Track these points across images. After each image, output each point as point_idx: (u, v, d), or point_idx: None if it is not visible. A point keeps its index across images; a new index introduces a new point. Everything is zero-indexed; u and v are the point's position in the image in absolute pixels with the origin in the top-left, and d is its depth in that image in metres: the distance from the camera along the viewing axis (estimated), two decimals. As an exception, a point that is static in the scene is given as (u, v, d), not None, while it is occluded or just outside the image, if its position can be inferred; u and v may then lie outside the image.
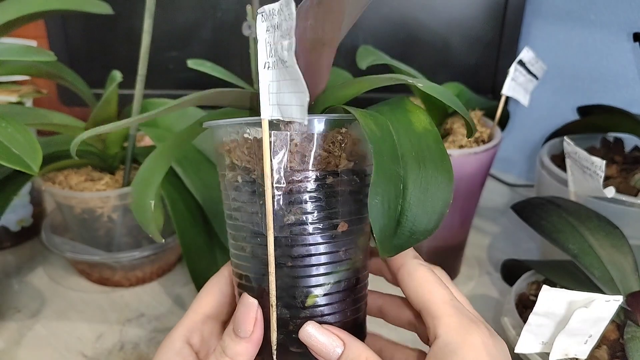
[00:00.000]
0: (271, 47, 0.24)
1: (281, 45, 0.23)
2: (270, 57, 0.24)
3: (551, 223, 0.42)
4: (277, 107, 0.25)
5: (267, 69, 0.24)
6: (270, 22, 0.24)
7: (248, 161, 0.28)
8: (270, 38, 0.24)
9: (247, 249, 0.29)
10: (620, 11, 0.68)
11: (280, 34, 0.23)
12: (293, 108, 0.24)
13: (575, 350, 0.36)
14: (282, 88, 0.24)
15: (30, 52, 0.43)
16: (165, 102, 0.56)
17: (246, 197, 0.28)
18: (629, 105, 0.67)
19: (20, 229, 0.66)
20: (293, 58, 0.23)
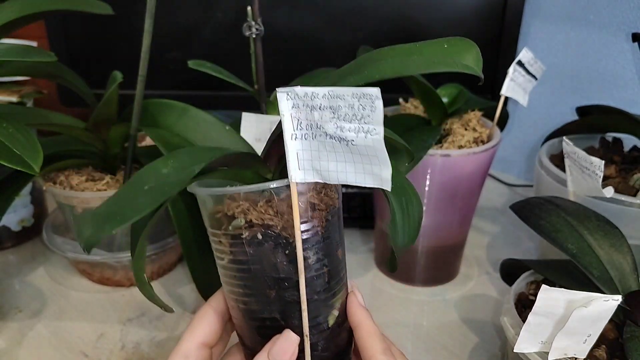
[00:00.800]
0: (301, 122, 0.27)
1: (339, 127, 0.26)
2: (299, 129, 0.27)
3: (550, 223, 0.43)
4: (311, 172, 0.28)
5: (294, 139, 0.27)
6: (304, 102, 0.26)
7: (271, 219, 0.31)
8: (300, 114, 0.26)
9: (272, 294, 0.32)
10: (619, 12, 0.68)
11: (333, 116, 0.26)
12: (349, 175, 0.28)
13: (574, 349, 0.36)
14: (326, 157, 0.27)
15: (31, 52, 0.43)
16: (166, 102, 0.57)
17: (268, 250, 0.31)
18: (628, 106, 0.67)
19: (21, 228, 0.66)
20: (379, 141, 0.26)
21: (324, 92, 0.25)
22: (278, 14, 0.70)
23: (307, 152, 0.27)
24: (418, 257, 0.59)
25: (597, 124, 0.64)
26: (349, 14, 0.71)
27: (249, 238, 0.31)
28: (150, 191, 0.27)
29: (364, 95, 0.25)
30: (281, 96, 0.26)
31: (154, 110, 0.56)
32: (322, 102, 0.26)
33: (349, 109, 0.25)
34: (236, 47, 0.71)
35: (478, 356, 0.50)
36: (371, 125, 0.25)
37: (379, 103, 0.25)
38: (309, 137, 0.27)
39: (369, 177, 0.27)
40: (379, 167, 0.26)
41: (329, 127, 0.26)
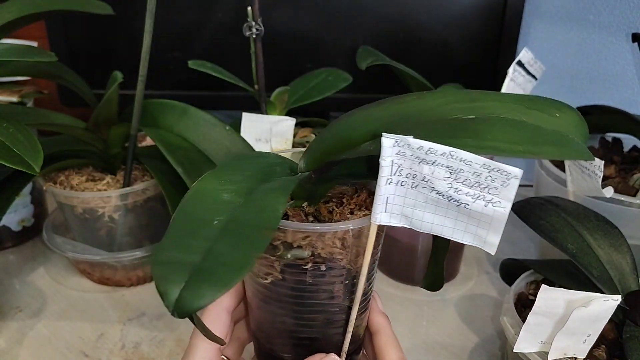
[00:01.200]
0: (402, 169, 0.26)
1: (455, 188, 0.25)
2: (397, 175, 0.26)
3: (550, 223, 0.43)
4: (401, 217, 0.28)
5: (388, 184, 0.26)
6: (414, 153, 0.25)
7: (340, 252, 0.31)
8: (404, 162, 0.25)
9: (318, 318, 0.32)
10: (619, 12, 0.68)
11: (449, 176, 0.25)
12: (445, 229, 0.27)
13: (574, 349, 0.36)
14: (422, 207, 0.27)
15: (31, 52, 0.43)
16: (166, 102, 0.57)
17: (327, 280, 0.31)
18: (628, 106, 0.67)
19: (21, 228, 0.66)
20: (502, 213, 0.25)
21: (445, 151, 0.24)
22: (278, 15, 0.70)
23: (399, 198, 0.27)
24: (418, 257, 0.59)
25: (596, 124, 0.64)
26: (349, 14, 0.71)
27: (311, 269, 0.30)
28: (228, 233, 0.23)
29: (500, 170, 0.24)
30: (387, 142, 0.25)
31: (154, 110, 0.56)
32: (438, 159, 0.25)
33: (473, 175, 0.25)
34: (236, 48, 0.71)
35: (478, 356, 0.50)
36: (497, 197, 0.25)
37: (515, 182, 0.24)
38: (406, 185, 0.26)
39: (469, 236, 0.27)
40: (487, 231, 0.26)
41: (440, 184, 0.25)
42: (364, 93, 0.74)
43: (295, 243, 0.30)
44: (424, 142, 0.24)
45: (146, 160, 0.55)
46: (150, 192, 0.55)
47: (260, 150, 0.51)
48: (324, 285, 0.31)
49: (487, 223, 0.26)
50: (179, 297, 0.20)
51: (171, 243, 0.22)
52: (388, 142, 0.25)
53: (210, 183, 0.26)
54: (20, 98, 0.64)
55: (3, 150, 0.37)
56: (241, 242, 0.22)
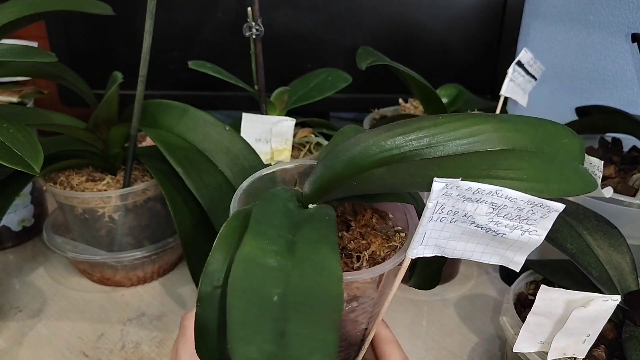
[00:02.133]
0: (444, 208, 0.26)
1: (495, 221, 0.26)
2: (439, 213, 0.27)
3: (549, 223, 0.43)
4: (434, 248, 0.28)
5: (430, 221, 0.27)
6: (460, 194, 0.26)
7: (373, 289, 0.32)
8: (447, 201, 0.26)
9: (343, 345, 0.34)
10: (619, 12, 0.68)
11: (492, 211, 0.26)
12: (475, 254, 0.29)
13: (574, 349, 0.36)
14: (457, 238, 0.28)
15: (32, 52, 0.43)
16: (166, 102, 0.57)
17: (357, 313, 0.32)
18: (627, 106, 0.67)
19: (21, 228, 0.66)
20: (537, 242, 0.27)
21: (492, 190, 0.26)
22: (278, 15, 0.70)
23: (436, 232, 0.28)
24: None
25: (596, 124, 0.64)
26: (349, 15, 0.71)
27: (346, 308, 0.32)
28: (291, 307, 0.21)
29: (543, 206, 0.25)
30: (437, 186, 0.25)
31: (154, 110, 0.56)
32: (484, 197, 0.26)
33: (515, 210, 0.26)
34: (236, 48, 0.71)
35: (477, 356, 0.50)
36: (534, 227, 0.26)
37: (555, 215, 0.26)
38: (445, 220, 0.27)
39: (496, 257, 0.28)
40: (515, 253, 0.28)
41: (481, 219, 0.27)
42: (363, 93, 0.74)
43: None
44: (473, 184, 0.25)
45: (146, 161, 0.55)
46: (150, 192, 0.55)
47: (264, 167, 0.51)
48: (352, 317, 0.32)
49: (519, 248, 0.28)
50: None
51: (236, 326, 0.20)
52: (438, 186, 0.25)
53: (252, 249, 0.24)
54: (21, 98, 0.64)
55: (3, 150, 0.37)
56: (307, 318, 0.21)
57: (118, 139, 0.55)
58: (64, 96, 0.76)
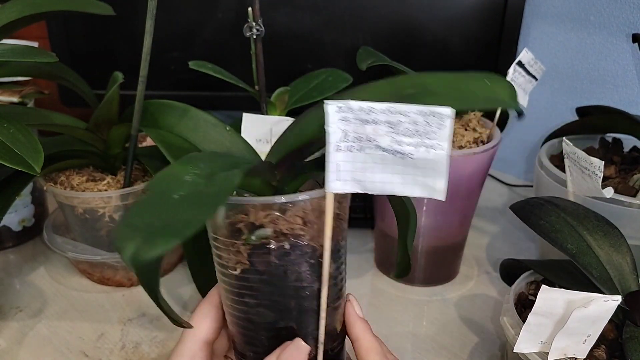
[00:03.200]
0: (348, 135, 0.27)
1: (397, 141, 0.26)
2: (344, 142, 0.27)
3: (550, 223, 0.43)
4: (353, 183, 0.28)
5: (337, 151, 0.27)
6: (356, 116, 0.26)
7: (301, 228, 0.31)
8: (348, 127, 0.27)
9: (291, 304, 0.32)
10: (619, 12, 0.68)
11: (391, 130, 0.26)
12: (396, 185, 0.28)
13: (574, 349, 0.36)
14: (371, 169, 0.28)
15: (32, 53, 0.43)
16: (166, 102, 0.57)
17: (294, 260, 0.31)
18: (628, 106, 0.67)
19: (22, 228, 0.66)
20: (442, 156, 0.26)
21: (383, 108, 0.26)
22: (278, 15, 0.70)
23: (349, 163, 0.28)
24: (418, 257, 0.59)
25: (596, 125, 0.64)
26: (349, 15, 0.71)
27: (276, 248, 0.31)
28: (186, 201, 0.24)
29: (434, 113, 0.25)
30: (330, 109, 0.26)
31: (154, 110, 0.56)
32: (378, 116, 0.26)
33: (411, 124, 0.26)
34: (237, 48, 0.72)
35: (478, 356, 0.50)
36: (436, 141, 0.26)
37: (448, 122, 0.26)
38: (354, 150, 0.27)
39: (418, 188, 0.27)
40: (433, 179, 0.27)
41: (383, 140, 0.26)
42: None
43: (257, 221, 0.31)
44: (363, 103, 0.26)
45: (146, 161, 0.55)
46: (151, 193, 0.55)
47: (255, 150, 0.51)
48: (290, 265, 0.31)
49: (432, 169, 0.27)
50: (135, 250, 0.21)
51: (132, 213, 0.24)
52: (331, 108, 0.26)
53: (175, 169, 0.27)
54: (21, 98, 0.64)
55: (4, 150, 0.37)
56: (195, 206, 0.24)
57: (118, 139, 0.55)
58: (65, 96, 0.76)
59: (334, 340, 0.35)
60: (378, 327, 0.52)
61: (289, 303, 0.32)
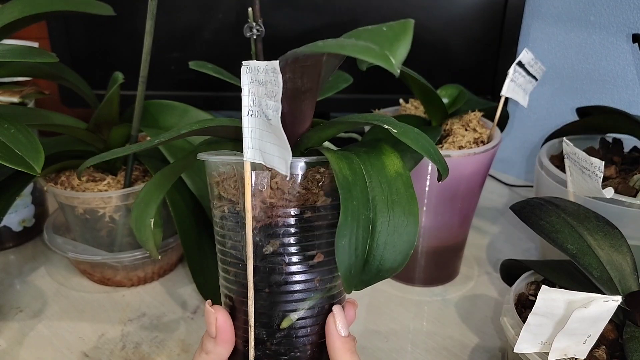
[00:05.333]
0: (255, 98, 0.25)
1: (266, 104, 0.25)
2: (254, 106, 0.26)
3: (550, 223, 0.43)
4: (259, 152, 0.26)
5: (250, 115, 0.26)
6: (255, 76, 0.25)
7: (234, 195, 0.30)
8: (255, 90, 0.25)
9: (231, 272, 0.32)
10: (620, 12, 0.68)
11: (265, 92, 0.25)
12: (275, 159, 0.25)
13: (574, 350, 0.36)
14: (264, 137, 0.26)
15: (33, 53, 0.43)
16: (167, 103, 0.57)
17: (231, 226, 0.31)
18: (628, 106, 0.67)
19: (22, 229, 0.66)
20: (279, 120, 0.24)
21: (264, 66, 0.25)
22: (279, 15, 0.70)
23: (256, 130, 0.26)
24: (418, 257, 0.59)
25: (597, 125, 0.64)
26: (349, 15, 0.71)
27: (219, 210, 0.32)
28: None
29: (273, 69, 0.24)
30: (243, 69, 0.26)
31: (155, 111, 0.56)
32: (262, 76, 0.25)
33: (271, 85, 0.25)
34: (237, 48, 0.72)
35: (478, 356, 0.50)
36: (277, 102, 0.25)
37: (278, 77, 0.24)
38: (259, 116, 0.26)
39: (279, 162, 0.26)
40: (281, 149, 0.25)
41: (263, 103, 0.25)
42: (364, 94, 0.74)
43: (210, 180, 0.32)
44: (259, 62, 0.25)
45: (147, 161, 0.55)
46: (151, 193, 0.55)
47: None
48: (229, 229, 0.32)
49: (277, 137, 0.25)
50: None
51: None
52: (244, 69, 0.25)
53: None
54: (22, 99, 0.64)
55: (4, 150, 0.37)
56: None
57: (119, 139, 0.55)
58: (65, 97, 0.76)
59: (281, 336, 0.32)
60: (378, 327, 0.52)
61: (229, 271, 0.32)
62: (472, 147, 0.53)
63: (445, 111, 0.57)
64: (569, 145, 0.49)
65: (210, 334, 0.32)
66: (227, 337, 0.32)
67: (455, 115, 0.57)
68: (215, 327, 0.32)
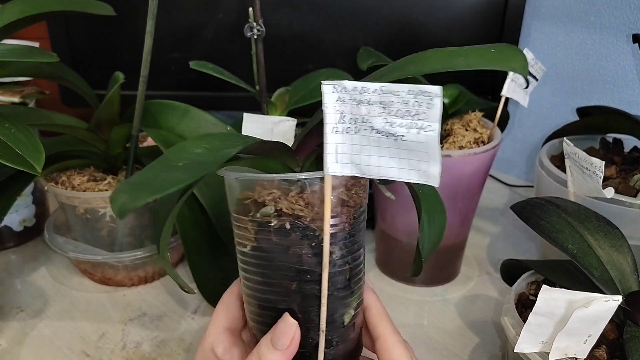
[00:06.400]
0: (344, 116, 0.27)
1: (389, 122, 0.26)
2: (341, 123, 0.27)
3: (550, 223, 0.43)
4: (352, 166, 0.28)
5: (334, 132, 0.27)
6: (351, 96, 0.26)
7: (301, 209, 0.31)
8: (345, 108, 0.27)
9: (292, 286, 0.32)
10: (620, 12, 0.68)
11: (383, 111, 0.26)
12: (391, 170, 0.27)
13: (575, 349, 0.36)
14: (368, 152, 0.27)
15: (33, 53, 0.43)
16: (167, 103, 0.57)
17: (295, 241, 0.31)
18: (628, 106, 0.67)
19: (23, 228, 0.66)
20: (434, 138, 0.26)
21: (375, 88, 0.26)
22: (279, 15, 0.70)
23: (347, 146, 0.27)
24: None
25: (597, 125, 0.64)
26: (349, 15, 0.71)
27: (277, 227, 0.31)
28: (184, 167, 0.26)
29: (422, 92, 0.25)
30: (327, 89, 0.26)
31: (155, 111, 0.56)
32: (372, 97, 0.26)
33: (402, 104, 0.26)
34: (237, 48, 0.72)
35: (479, 356, 0.50)
36: (426, 122, 0.26)
37: (437, 101, 0.25)
38: (350, 132, 0.27)
39: (414, 173, 0.27)
40: (427, 163, 0.26)
41: (377, 121, 0.26)
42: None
43: (260, 199, 0.31)
44: (357, 83, 0.26)
45: (147, 161, 0.55)
46: (152, 193, 0.55)
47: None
48: (291, 246, 0.31)
49: (424, 153, 0.26)
50: (122, 202, 0.24)
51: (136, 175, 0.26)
52: (327, 88, 0.26)
53: (189, 143, 0.29)
54: (22, 98, 0.64)
55: (5, 150, 0.37)
56: (192, 169, 0.26)
57: (119, 139, 0.55)
58: (66, 96, 0.76)
59: (343, 331, 0.34)
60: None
61: (290, 285, 0.32)
62: (472, 147, 0.53)
63: (446, 111, 0.57)
64: (569, 145, 0.49)
65: (282, 346, 0.31)
66: (294, 351, 0.32)
67: (456, 115, 0.57)
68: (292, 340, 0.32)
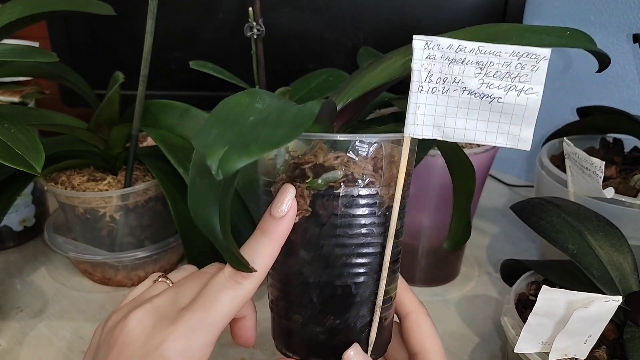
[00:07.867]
0: (432, 75, 0.25)
1: (486, 83, 0.25)
2: (428, 82, 0.26)
3: (550, 223, 0.43)
4: (433, 128, 0.27)
5: (419, 91, 0.26)
6: (443, 54, 0.25)
7: (372, 175, 0.29)
8: (434, 67, 0.25)
9: (351, 259, 0.29)
10: (620, 12, 0.68)
11: (480, 72, 0.25)
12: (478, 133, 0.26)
13: (575, 350, 0.36)
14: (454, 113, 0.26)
15: (33, 53, 0.43)
16: (167, 102, 0.57)
17: (361, 209, 0.29)
18: (629, 106, 0.67)
19: (23, 228, 0.66)
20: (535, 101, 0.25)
21: (473, 47, 0.25)
22: (279, 15, 0.70)
23: (430, 107, 0.26)
24: (418, 257, 0.59)
25: (597, 125, 0.64)
26: (349, 15, 0.71)
27: (344, 194, 0.28)
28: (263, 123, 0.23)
29: (529, 54, 0.24)
30: (418, 44, 0.25)
31: (155, 110, 0.56)
32: (467, 56, 0.25)
33: (503, 66, 0.25)
34: (237, 48, 0.72)
35: (479, 356, 0.50)
36: (528, 84, 0.25)
37: (544, 63, 0.24)
38: (437, 92, 0.26)
39: (502, 137, 0.26)
40: (519, 127, 0.25)
41: (471, 82, 0.25)
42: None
43: (326, 163, 0.28)
44: (454, 40, 0.25)
45: (147, 161, 0.55)
46: (152, 192, 0.55)
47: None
48: (355, 217, 0.29)
49: (520, 116, 0.25)
50: (222, 156, 0.21)
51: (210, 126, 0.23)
52: (419, 43, 0.25)
53: (243, 98, 0.26)
54: (22, 98, 0.64)
55: (5, 150, 0.37)
56: (279, 126, 0.23)
57: (119, 139, 0.55)
58: (66, 96, 0.76)
59: (390, 307, 0.32)
60: (379, 327, 0.51)
61: (349, 259, 0.29)
62: (472, 147, 0.53)
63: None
64: (569, 145, 0.49)
65: (279, 213, 0.28)
66: (292, 216, 0.29)
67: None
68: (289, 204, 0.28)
